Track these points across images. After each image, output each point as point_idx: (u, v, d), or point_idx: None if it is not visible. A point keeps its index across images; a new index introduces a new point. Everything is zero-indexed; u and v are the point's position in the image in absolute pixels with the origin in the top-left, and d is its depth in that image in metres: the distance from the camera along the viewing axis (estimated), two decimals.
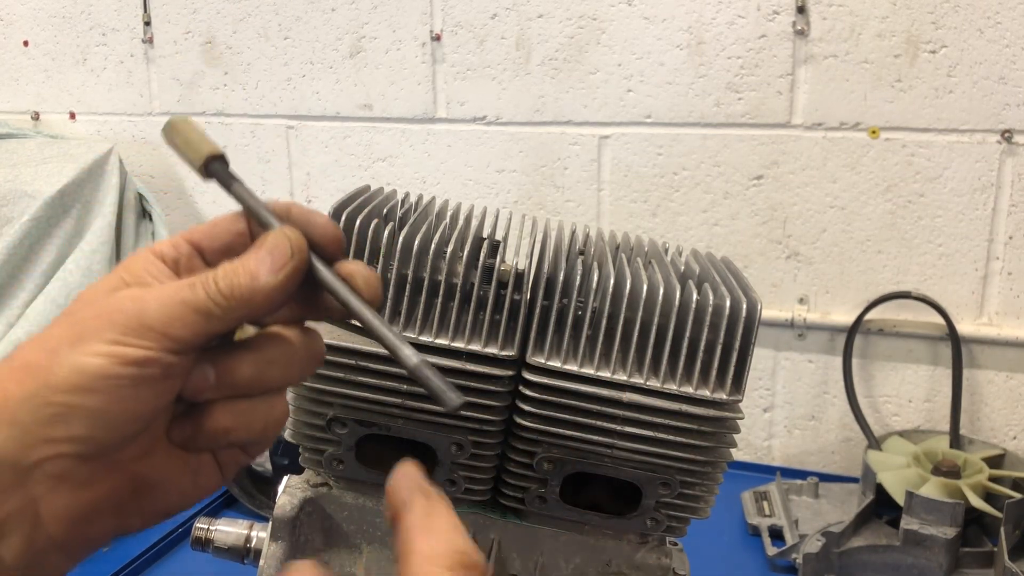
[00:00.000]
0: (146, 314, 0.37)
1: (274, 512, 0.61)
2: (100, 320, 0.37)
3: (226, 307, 0.39)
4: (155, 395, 0.38)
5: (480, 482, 0.60)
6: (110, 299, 0.39)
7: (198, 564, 0.84)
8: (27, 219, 1.56)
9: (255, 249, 0.41)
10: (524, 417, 0.56)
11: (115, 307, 0.38)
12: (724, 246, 1.49)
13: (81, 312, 0.39)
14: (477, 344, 0.55)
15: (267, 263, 0.40)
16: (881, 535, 1.18)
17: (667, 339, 0.55)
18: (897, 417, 1.47)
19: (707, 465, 0.57)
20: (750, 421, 1.54)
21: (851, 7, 1.36)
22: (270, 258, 0.40)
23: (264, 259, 0.40)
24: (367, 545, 0.62)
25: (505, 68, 1.57)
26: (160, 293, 0.39)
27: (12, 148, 1.77)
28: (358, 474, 0.60)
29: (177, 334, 0.38)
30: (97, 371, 0.36)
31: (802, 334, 1.49)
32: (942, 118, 1.35)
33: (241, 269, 0.40)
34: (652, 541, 0.62)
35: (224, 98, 1.78)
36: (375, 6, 1.63)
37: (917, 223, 1.40)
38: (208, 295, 0.39)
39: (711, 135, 1.47)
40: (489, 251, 0.58)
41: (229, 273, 0.39)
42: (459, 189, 1.63)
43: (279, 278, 0.40)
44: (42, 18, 1.89)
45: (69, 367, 0.36)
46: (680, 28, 1.46)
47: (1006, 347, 1.38)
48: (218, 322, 0.39)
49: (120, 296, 0.39)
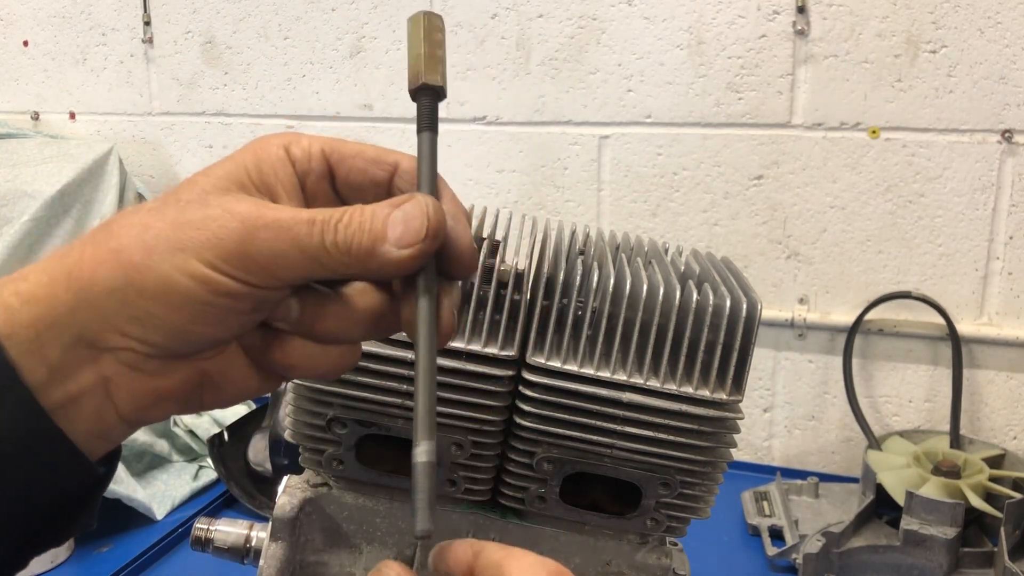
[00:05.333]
0: (253, 244, 0.35)
1: (274, 512, 0.61)
2: (204, 232, 0.35)
3: (338, 262, 0.36)
4: (239, 324, 0.37)
5: (480, 482, 0.60)
6: (224, 201, 0.36)
7: (198, 564, 0.84)
8: (27, 219, 1.56)
9: (389, 206, 0.37)
10: (524, 417, 0.56)
11: (224, 221, 0.35)
12: (724, 246, 1.49)
13: (191, 207, 0.36)
14: (477, 344, 0.55)
15: (396, 231, 0.37)
16: (881, 535, 1.18)
17: (667, 339, 0.55)
18: (897, 417, 1.47)
19: (707, 465, 0.57)
20: (750, 421, 1.54)
21: (851, 7, 1.36)
22: (401, 227, 0.37)
23: (395, 225, 0.37)
24: (367, 545, 0.62)
25: (505, 68, 1.57)
26: (274, 221, 0.35)
27: (12, 148, 1.76)
28: (358, 474, 0.60)
29: (280, 273, 0.36)
30: (187, 293, 0.35)
31: (802, 334, 1.49)
32: (942, 118, 1.35)
33: (367, 226, 0.36)
34: (652, 541, 0.62)
35: (224, 98, 1.78)
36: (375, 6, 1.63)
37: (917, 223, 1.40)
38: (324, 242, 0.36)
39: (711, 135, 1.47)
40: (489, 251, 0.58)
41: (352, 225, 0.36)
42: (459, 189, 1.61)
43: (401, 254, 0.37)
44: (42, 18, 1.89)
45: (159, 277, 0.35)
46: (680, 28, 1.46)
47: (1006, 347, 1.38)
48: (326, 272, 0.37)
49: (234, 206, 0.36)
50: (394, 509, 0.61)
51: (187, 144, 1.84)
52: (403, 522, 0.61)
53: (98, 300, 0.35)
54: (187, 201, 0.36)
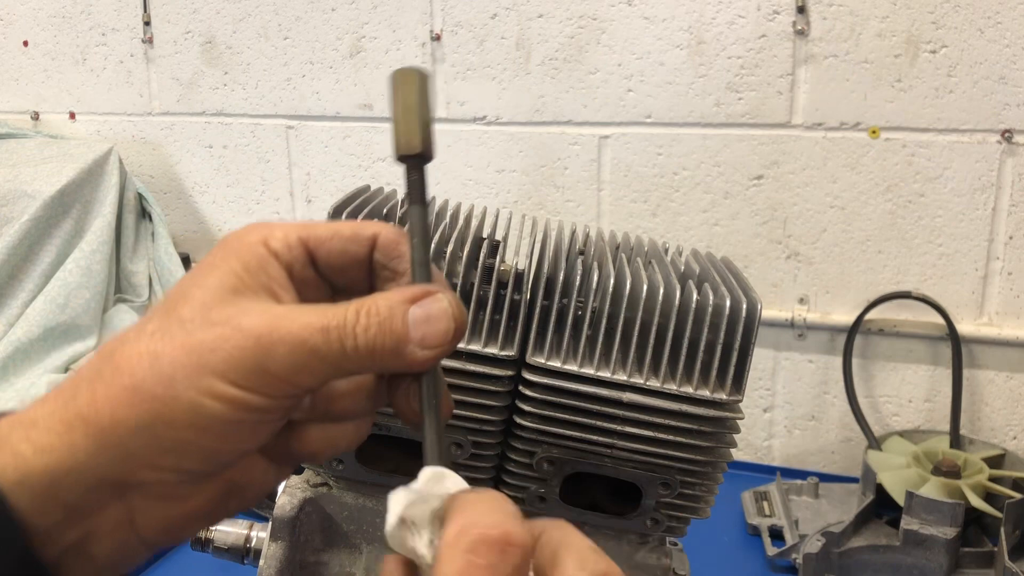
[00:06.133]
0: (272, 361, 0.34)
1: (274, 512, 0.61)
2: (219, 353, 0.34)
3: (360, 366, 0.36)
4: (269, 431, 0.37)
5: (480, 482, 0.60)
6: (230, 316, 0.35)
7: (198, 564, 0.84)
8: (27, 219, 1.56)
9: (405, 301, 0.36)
10: (524, 417, 0.56)
11: (237, 341, 0.34)
12: (724, 246, 1.49)
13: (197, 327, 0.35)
14: (477, 344, 0.55)
15: (419, 331, 0.36)
16: (881, 535, 1.18)
17: (667, 339, 0.55)
18: (897, 417, 1.47)
19: (707, 465, 0.57)
20: (750, 421, 1.54)
21: (851, 7, 1.36)
22: (424, 327, 0.36)
23: (417, 325, 0.36)
24: (367, 545, 0.62)
25: (505, 68, 1.57)
26: (288, 335, 0.35)
27: (12, 148, 1.77)
28: (358, 474, 0.60)
29: (303, 383, 0.35)
30: (217, 415, 0.34)
31: (802, 334, 1.49)
32: (942, 118, 1.35)
33: (388, 327, 0.35)
34: (652, 541, 0.62)
35: (224, 98, 1.78)
36: (375, 6, 1.63)
37: (917, 223, 1.40)
38: (344, 349, 0.35)
39: (711, 135, 1.47)
40: (489, 251, 0.58)
41: (372, 329, 0.35)
42: (459, 189, 1.63)
43: (427, 355, 0.36)
44: (42, 18, 1.89)
45: (187, 406, 0.34)
46: (680, 28, 1.45)
47: (1006, 347, 1.38)
48: (347, 374, 0.37)
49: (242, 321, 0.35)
50: None
51: (187, 144, 1.84)
52: None
53: (124, 441, 0.34)
54: (191, 320, 0.35)
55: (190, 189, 1.87)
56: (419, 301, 0.36)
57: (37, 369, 1.50)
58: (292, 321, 0.35)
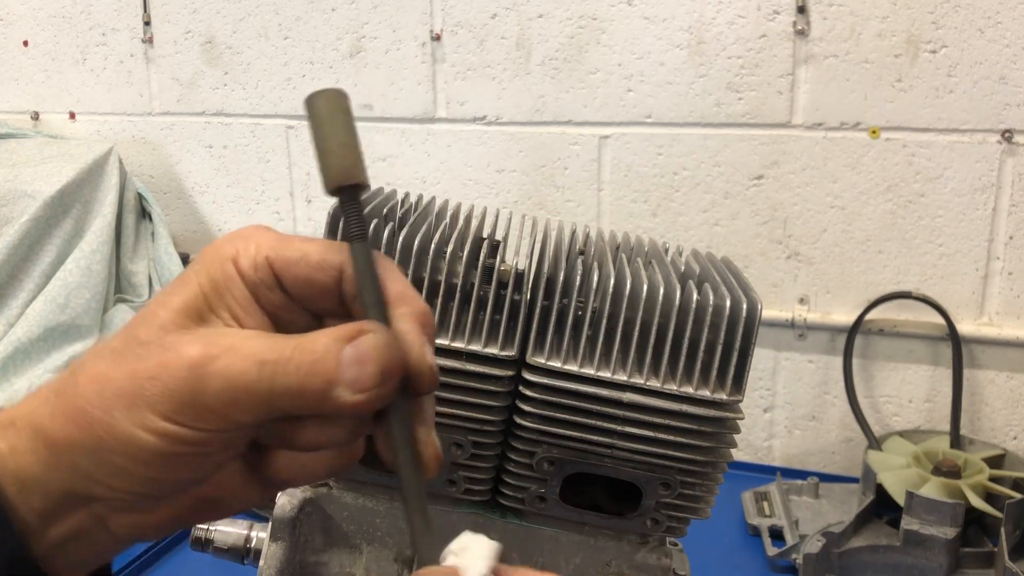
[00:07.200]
0: (207, 393, 0.34)
1: (274, 512, 0.61)
2: (157, 383, 0.34)
3: (292, 405, 0.35)
4: (213, 463, 0.36)
5: (480, 482, 0.60)
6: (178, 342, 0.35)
7: (198, 564, 0.84)
8: (27, 219, 1.56)
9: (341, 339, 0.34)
10: (524, 417, 0.56)
11: (174, 370, 0.34)
12: (724, 246, 1.49)
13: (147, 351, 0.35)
14: (477, 344, 0.55)
15: (349, 373, 0.34)
16: (881, 535, 1.18)
17: (667, 339, 0.55)
18: (897, 417, 1.47)
19: (707, 465, 0.57)
20: (750, 421, 1.54)
21: (851, 7, 1.36)
22: (355, 369, 0.34)
23: (348, 367, 0.34)
24: (367, 545, 0.62)
25: (505, 68, 1.57)
26: (225, 367, 0.34)
27: (12, 148, 1.77)
28: (358, 474, 0.60)
29: (236, 418, 0.34)
30: (150, 447, 0.34)
31: (802, 334, 1.49)
32: (942, 118, 1.35)
33: (319, 367, 0.34)
34: (652, 541, 0.62)
35: (224, 98, 1.78)
36: (375, 6, 1.63)
37: (917, 223, 1.40)
38: (274, 387, 0.34)
39: (711, 135, 1.47)
40: (489, 251, 0.58)
41: (304, 368, 0.34)
42: (459, 189, 1.63)
43: (357, 399, 0.34)
44: (42, 18, 1.89)
45: (122, 435, 0.34)
46: (680, 28, 1.45)
47: (1006, 347, 1.38)
48: (283, 413, 0.35)
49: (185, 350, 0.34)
50: (394, 509, 0.61)
51: (187, 144, 1.84)
52: (403, 522, 0.61)
53: (75, 460, 0.35)
54: (145, 344, 0.35)
55: (190, 189, 1.87)
56: (353, 340, 0.35)
57: (37, 369, 1.50)
58: (234, 352, 0.34)
